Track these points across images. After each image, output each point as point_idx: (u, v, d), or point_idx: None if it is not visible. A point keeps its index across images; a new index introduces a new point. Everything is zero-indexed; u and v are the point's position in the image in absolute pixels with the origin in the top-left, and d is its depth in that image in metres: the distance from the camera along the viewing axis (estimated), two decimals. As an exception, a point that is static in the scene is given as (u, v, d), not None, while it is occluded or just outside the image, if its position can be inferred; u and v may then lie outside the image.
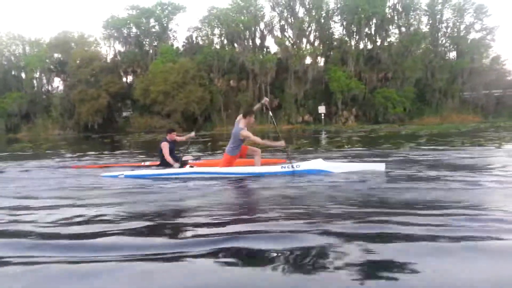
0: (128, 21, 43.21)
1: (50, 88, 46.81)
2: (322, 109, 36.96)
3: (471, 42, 38.96)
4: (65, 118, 43.12)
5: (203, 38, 44.03)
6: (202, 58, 40.33)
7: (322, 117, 37.33)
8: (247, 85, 40.90)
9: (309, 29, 41.39)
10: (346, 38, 40.20)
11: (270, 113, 7.30)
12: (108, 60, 43.46)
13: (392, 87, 38.30)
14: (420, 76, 38.29)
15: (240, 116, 6.56)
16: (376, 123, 35.84)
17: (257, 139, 6.29)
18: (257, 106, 7.07)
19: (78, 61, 40.39)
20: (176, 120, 38.93)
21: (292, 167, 6.10)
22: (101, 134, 37.25)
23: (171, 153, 7.80)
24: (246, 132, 6.30)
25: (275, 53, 41.90)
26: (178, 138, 8.30)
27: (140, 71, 41.92)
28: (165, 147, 7.74)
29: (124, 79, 43.63)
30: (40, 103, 45.51)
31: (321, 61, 41.10)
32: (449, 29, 39.65)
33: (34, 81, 46.27)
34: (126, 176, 6.56)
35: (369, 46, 40.75)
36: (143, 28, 44.07)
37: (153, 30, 44.69)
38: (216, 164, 7.08)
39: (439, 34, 39.86)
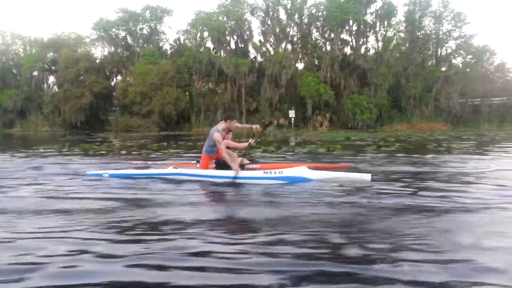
0: (117, 24, 45.01)
1: (45, 86, 49.23)
2: (291, 113, 37.60)
3: (448, 50, 38.79)
4: (55, 115, 45.37)
5: (190, 41, 45.35)
6: (183, 61, 41.67)
7: (292, 122, 37.96)
8: (226, 88, 41.97)
9: (288, 34, 42.14)
10: (321, 44, 40.63)
11: (252, 140, 6.88)
12: (96, 61, 45.31)
13: (366, 94, 38.55)
14: (394, 83, 38.36)
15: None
16: (347, 129, 36.25)
17: (222, 149, 6.27)
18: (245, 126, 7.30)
19: (65, 61, 42.33)
20: (154, 120, 40.41)
21: (275, 173, 5.99)
22: (83, 132, 39.12)
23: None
24: (217, 136, 6.26)
25: (254, 57, 42.90)
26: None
27: (125, 72, 43.61)
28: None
29: (110, 80, 45.36)
30: (34, 100, 47.98)
31: (299, 66, 41.69)
32: (427, 36, 39.44)
33: (31, 80, 48.89)
34: (111, 175, 6.64)
35: (348, 52, 41.15)
36: (131, 30, 45.84)
37: (141, 32, 46.39)
38: (272, 168, 6.97)
39: (417, 42, 39.71)
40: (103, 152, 13.22)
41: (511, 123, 34.05)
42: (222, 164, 6.68)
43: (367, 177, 5.89)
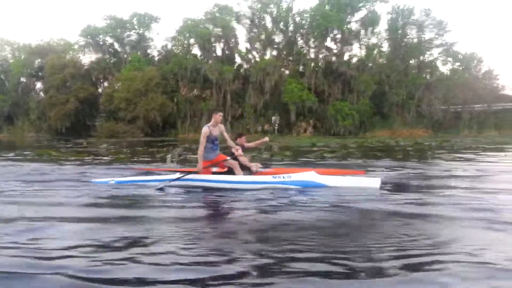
0: (105, 31, 45.36)
1: (33, 92, 49.35)
2: (274, 119, 37.89)
3: (430, 58, 39.37)
4: (42, 121, 45.45)
5: (177, 47, 45.70)
6: (169, 67, 42.00)
7: (276, 128, 38.21)
8: (211, 94, 42.27)
9: (273, 41, 42.63)
10: (305, 51, 41.12)
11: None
12: (83, 68, 45.54)
13: (350, 101, 38.97)
14: (378, 90, 38.80)
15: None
16: (330, 135, 36.58)
17: (200, 147, 6.14)
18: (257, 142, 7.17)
19: (52, 67, 42.55)
20: (140, 126, 40.57)
21: (283, 178, 5.99)
22: (68, 138, 39.22)
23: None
24: (204, 131, 6.15)
25: (240, 64, 43.29)
26: (247, 144, 7.51)
27: (111, 78, 43.85)
28: (238, 151, 7.08)
29: (96, 86, 45.56)
30: (22, 106, 48.06)
31: (284, 72, 42.04)
32: (409, 44, 39.98)
33: (18, 85, 49.03)
34: (117, 182, 6.55)
35: (332, 59, 41.60)
36: (118, 37, 46.18)
37: (129, 39, 46.71)
38: (285, 172, 6.95)
39: (400, 49, 40.23)
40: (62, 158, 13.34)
41: (491, 129, 34.46)
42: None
43: (376, 182, 5.79)
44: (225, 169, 6.63)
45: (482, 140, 24.69)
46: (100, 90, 45.40)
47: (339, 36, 40.67)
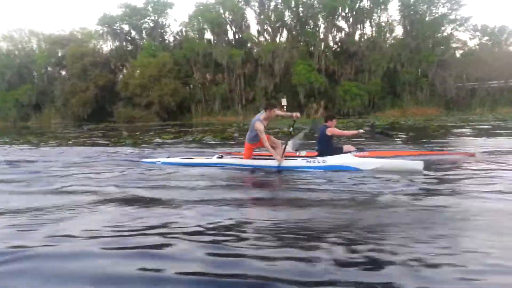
0: (121, 19, 46.79)
1: (58, 81, 51.84)
2: (284, 101, 37.94)
3: (443, 35, 38.26)
4: (67, 108, 47.93)
5: (190, 33, 46.53)
6: (182, 53, 43.05)
7: (285, 109, 38.54)
8: (223, 78, 43.06)
9: (284, 22, 42.61)
10: (315, 32, 40.91)
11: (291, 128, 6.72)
12: (102, 56, 47.36)
13: (361, 81, 38.77)
14: (389, 69, 38.34)
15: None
16: (339, 116, 36.70)
17: (263, 138, 6.18)
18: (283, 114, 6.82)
19: (72, 56, 44.62)
20: (155, 111, 42.12)
21: (318, 162, 5.94)
22: (90, 123, 41.43)
23: (328, 141, 7.03)
24: (258, 125, 6.23)
25: (251, 48, 43.65)
26: (339, 132, 7.26)
27: (128, 65, 45.43)
28: (334, 130, 7.01)
29: (115, 73, 47.30)
30: (48, 95, 50.76)
31: (294, 54, 42.05)
32: (422, 21, 38.94)
33: (44, 75, 51.69)
34: (163, 163, 6.88)
35: (339, 38, 41.32)
36: (134, 25, 47.53)
37: (144, 26, 47.99)
38: (383, 154, 7.09)
39: (413, 26, 39.29)
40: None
41: (504, 106, 33.49)
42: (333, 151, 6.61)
43: (419, 165, 5.47)
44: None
45: (476, 119, 24.23)
46: (119, 77, 47.09)
47: (349, 15, 40.21)
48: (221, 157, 6.76)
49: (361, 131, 7.23)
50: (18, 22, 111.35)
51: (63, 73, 51.34)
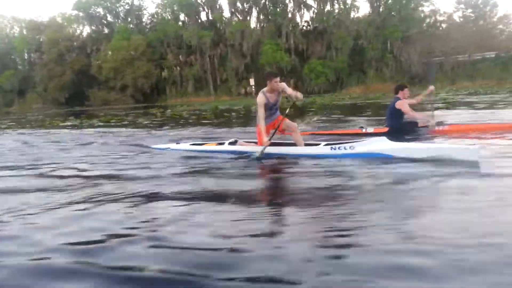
0: (95, 3, 47.29)
1: (38, 66, 52.77)
2: (252, 81, 39.08)
3: (407, 10, 38.46)
4: (47, 93, 49.04)
5: (163, 15, 47.00)
6: (154, 35, 43.69)
7: (253, 89, 39.42)
8: (196, 60, 43.73)
9: (256, 2, 42.91)
10: (282, 10, 41.24)
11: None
12: (78, 40, 48.12)
13: (329, 58, 39.30)
14: (357, 45, 38.81)
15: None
16: (305, 94, 37.42)
17: (260, 114, 5.19)
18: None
19: (49, 42, 45.43)
20: (130, 93, 43.12)
21: (344, 149, 4.94)
22: (69, 108, 42.62)
23: (400, 116, 6.39)
24: (259, 98, 5.23)
25: (222, 29, 44.11)
26: (411, 100, 6.57)
27: (102, 49, 46.16)
28: (404, 105, 6.26)
29: (90, 58, 48.06)
30: (30, 80, 51.83)
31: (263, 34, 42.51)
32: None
33: (25, 61, 52.67)
34: (173, 150, 6.32)
35: (307, 18, 41.76)
36: (110, 8, 48.06)
37: (120, 9, 48.51)
38: (468, 129, 6.30)
39: (379, 3, 39.53)
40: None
41: (464, 80, 33.95)
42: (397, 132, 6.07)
43: (474, 152, 4.11)
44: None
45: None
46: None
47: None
48: (235, 141, 5.92)
49: (432, 122, 6.37)
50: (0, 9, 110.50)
51: (44, 58, 52.26)
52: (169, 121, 14.54)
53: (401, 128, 6.31)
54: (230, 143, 5.91)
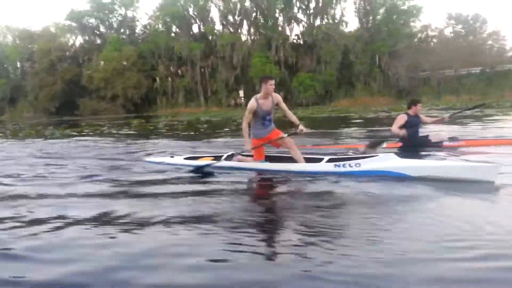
0: (88, 14, 47.71)
1: (29, 75, 52.93)
2: (241, 92, 39.39)
3: (396, 25, 39.06)
4: (38, 102, 49.15)
5: (155, 26, 47.39)
6: (146, 46, 44.04)
7: (243, 101, 39.67)
8: (186, 71, 44.06)
9: (247, 15, 43.44)
10: (273, 24, 41.76)
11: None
12: (70, 50, 48.43)
13: (318, 71, 39.70)
14: (347, 59, 39.27)
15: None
16: (295, 106, 37.70)
17: (243, 125, 5.00)
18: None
19: (41, 52, 45.69)
20: (120, 103, 43.29)
21: (349, 166, 4.55)
22: (61, 116, 42.75)
23: (415, 131, 6.22)
24: (250, 104, 4.97)
25: (213, 41, 44.54)
26: (427, 119, 6.46)
27: (93, 59, 46.42)
28: (400, 119, 6.17)
29: (82, 67, 48.28)
30: (21, 89, 51.97)
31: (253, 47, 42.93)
32: (376, 13, 39.76)
33: (17, 70, 52.92)
34: (168, 164, 5.93)
35: (297, 32, 42.34)
36: (102, 19, 48.49)
37: (112, 20, 48.94)
38: (483, 144, 6.11)
39: (368, 16, 40.12)
40: None
41: (449, 94, 34.31)
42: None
43: (491, 172, 3.81)
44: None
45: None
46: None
47: (308, 7, 41.05)
48: (232, 155, 5.48)
49: (446, 116, 6.35)
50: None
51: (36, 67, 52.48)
52: (140, 132, 14.66)
53: (414, 143, 6.12)
54: (228, 157, 5.43)
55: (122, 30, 48.66)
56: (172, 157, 6.26)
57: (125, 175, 5.13)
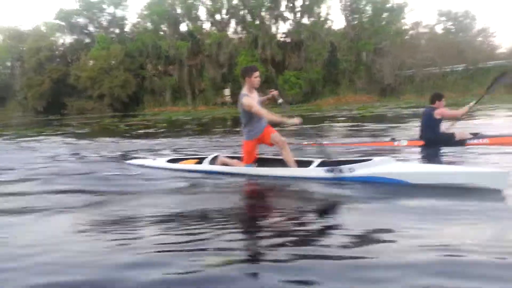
0: (77, 13, 47.79)
1: (18, 75, 53.06)
2: (227, 91, 39.61)
3: (380, 23, 39.31)
4: (27, 101, 49.27)
5: (143, 25, 47.50)
6: (133, 45, 44.17)
7: (229, 99, 39.93)
8: (174, 70, 44.21)
9: (234, 14, 43.57)
10: (259, 22, 41.89)
11: (280, 100, 5.01)
12: (59, 49, 48.52)
13: (305, 69, 39.93)
14: (333, 57, 39.52)
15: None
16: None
17: (262, 111, 4.67)
18: (264, 98, 5.09)
19: (29, 51, 45.80)
20: (108, 103, 43.46)
21: (341, 171, 4.25)
22: (47, 116, 43.00)
23: (437, 127, 6.05)
24: (247, 100, 4.69)
25: (200, 39, 44.69)
26: (448, 113, 6.18)
27: (82, 58, 46.50)
28: (444, 112, 6.04)
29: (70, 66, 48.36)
30: (11, 88, 52.11)
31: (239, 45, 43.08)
32: (361, 11, 39.99)
33: (8, 69, 53.05)
34: (148, 166, 5.90)
35: (284, 30, 42.57)
36: (91, 18, 48.56)
37: (100, 20, 48.99)
38: (506, 141, 5.71)
39: (353, 14, 40.37)
40: None
41: (430, 92, 34.47)
42: None
43: (499, 179, 3.56)
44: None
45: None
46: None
47: (294, 5, 41.23)
48: (215, 158, 5.36)
49: (471, 104, 6.08)
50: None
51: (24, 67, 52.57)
52: (107, 131, 14.98)
53: (438, 140, 5.93)
54: (212, 159, 5.32)
55: (111, 29, 48.73)
56: (154, 159, 6.17)
57: (104, 180, 5.10)
